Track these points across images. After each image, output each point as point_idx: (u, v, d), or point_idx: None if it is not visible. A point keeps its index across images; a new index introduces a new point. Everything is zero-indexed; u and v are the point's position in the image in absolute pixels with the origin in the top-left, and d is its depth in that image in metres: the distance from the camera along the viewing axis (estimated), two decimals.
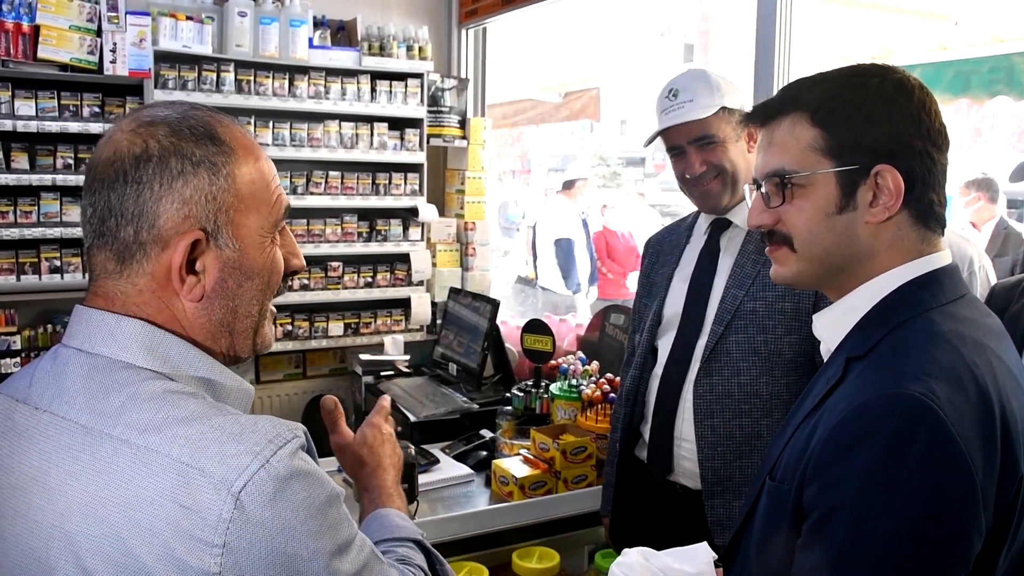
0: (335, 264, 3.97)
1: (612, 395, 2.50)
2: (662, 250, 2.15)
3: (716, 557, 1.31)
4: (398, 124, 4.05)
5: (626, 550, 1.38)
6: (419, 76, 4.05)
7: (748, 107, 1.94)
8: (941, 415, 0.91)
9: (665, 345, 2.01)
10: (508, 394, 2.97)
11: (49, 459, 0.87)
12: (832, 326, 1.15)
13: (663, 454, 1.96)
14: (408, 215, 4.11)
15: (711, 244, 1.99)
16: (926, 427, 0.91)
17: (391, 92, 3.99)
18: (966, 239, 2.11)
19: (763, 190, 1.14)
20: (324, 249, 3.91)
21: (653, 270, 2.14)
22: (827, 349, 1.17)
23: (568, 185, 7.25)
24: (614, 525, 2.16)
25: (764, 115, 1.16)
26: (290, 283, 3.71)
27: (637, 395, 2.05)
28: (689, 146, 1.91)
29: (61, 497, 0.84)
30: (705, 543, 1.37)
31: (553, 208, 7.30)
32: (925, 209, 1.08)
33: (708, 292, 1.94)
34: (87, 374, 0.90)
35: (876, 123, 1.06)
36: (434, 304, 4.15)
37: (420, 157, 4.08)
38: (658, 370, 2.00)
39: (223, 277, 0.94)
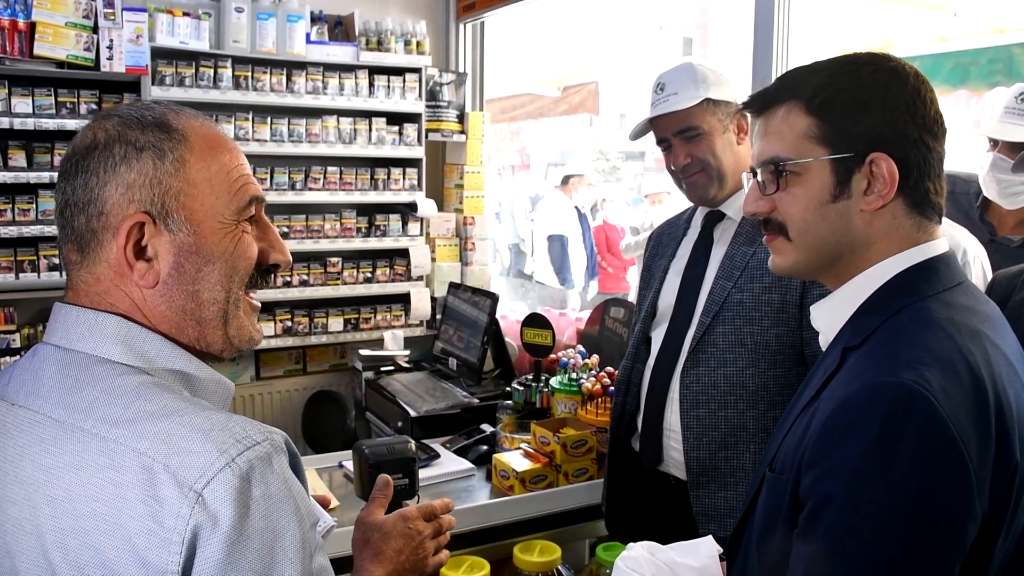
0: (334, 260, 3.97)
1: (612, 389, 2.50)
2: (661, 242, 2.17)
3: (721, 551, 1.31)
4: (396, 119, 4.04)
5: (631, 544, 1.38)
6: (417, 71, 4.04)
7: (739, 100, 1.95)
8: (934, 402, 0.91)
9: (658, 336, 2.02)
10: (508, 388, 2.97)
11: (23, 453, 0.87)
12: (829, 316, 1.15)
13: (653, 444, 1.98)
14: (407, 210, 4.11)
15: (704, 236, 2.00)
16: (919, 414, 0.91)
17: (389, 87, 3.98)
18: (959, 228, 2.11)
19: (759, 178, 1.15)
20: (323, 245, 3.91)
21: (652, 262, 2.17)
22: (825, 339, 1.17)
23: (565, 180, 7.25)
24: (609, 514, 2.18)
25: (760, 104, 1.16)
26: (287, 279, 3.75)
27: (629, 385, 2.08)
28: (674, 138, 1.93)
29: (33, 490, 0.85)
30: (710, 537, 1.37)
31: (549, 203, 7.29)
32: (921, 197, 1.08)
33: (700, 284, 1.95)
34: (62, 369, 0.90)
35: (870, 111, 1.06)
36: (433, 299, 4.15)
37: (419, 152, 4.07)
38: (651, 361, 2.02)
39: (179, 261, 0.94)
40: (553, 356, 2.92)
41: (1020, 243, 2.34)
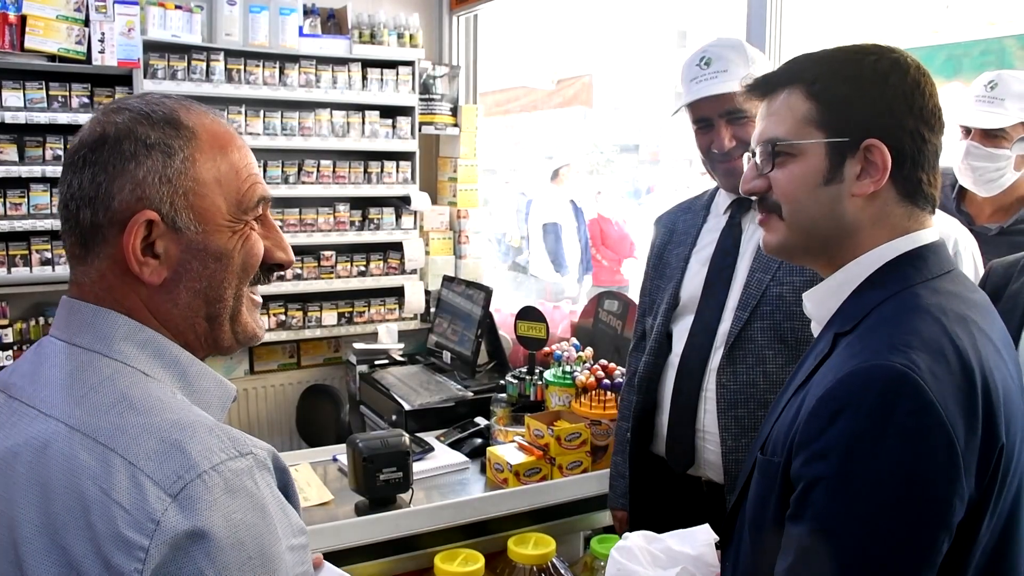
0: (328, 253, 3.96)
1: (606, 381, 2.50)
2: (676, 229, 2.02)
3: (717, 539, 1.33)
4: (389, 112, 4.03)
5: (627, 533, 1.40)
6: (410, 64, 4.03)
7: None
8: (922, 385, 0.93)
9: (681, 330, 1.90)
10: (502, 381, 2.98)
11: (8, 447, 0.87)
12: (821, 302, 1.18)
13: (684, 447, 1.85)
14: (401, 203, 4.10)
15: (733, 225, 1.88)
16: (907, 397, 0.93)
17: (382, 80, 3.97)
18: (950, 219, 2.14)
19: (756, 158, 1.18)
20: (317, 238, 3.90)
21: (666, 251, 2.02)
22: (817, 325, 1.20)
23: (554, 175, 7.27)
24: (634, 521, 2.03)
25: (765, 87, 1.19)
26: (284, 275, 3.72)
27: (651, 382, 1.94)
28: (719, 119, 1.80)
29: (12, 484, 0.84)
30: (707, 525, 1.38)
31: (542, 197, 7.32)
32: (913, 187, 1.10)
33: (730, 275, 1.83)
34: (60, 363, 0.90)
35: (868, 99, 1.09)
36: (427, 292, 4.15)
37: (412, 145, 4.06)
38: (674, 358, 1.90)
39: (186, 259, 0.93)
40: (547, 349, 2.93)
41: (998, 231, 2.36)
